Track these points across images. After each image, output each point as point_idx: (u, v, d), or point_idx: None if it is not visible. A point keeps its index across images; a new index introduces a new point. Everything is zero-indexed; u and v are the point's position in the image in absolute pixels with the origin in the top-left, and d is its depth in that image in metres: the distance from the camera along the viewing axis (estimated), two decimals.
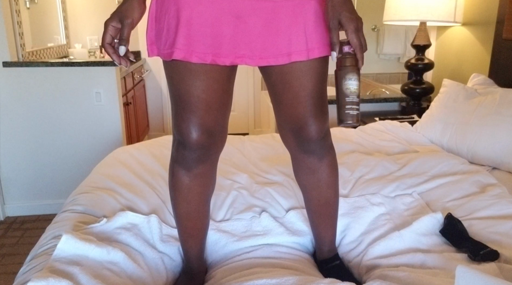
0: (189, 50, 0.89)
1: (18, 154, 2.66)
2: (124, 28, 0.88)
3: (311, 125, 0.99)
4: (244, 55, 0.91)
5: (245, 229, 1.25)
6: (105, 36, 0.89)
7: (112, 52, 0.90)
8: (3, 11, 2.45)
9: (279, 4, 0.90)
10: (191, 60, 0.89)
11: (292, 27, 0.91)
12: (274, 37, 0.91)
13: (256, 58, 0.92)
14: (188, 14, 0.88)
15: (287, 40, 0.91)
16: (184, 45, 0.89)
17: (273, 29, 0.91)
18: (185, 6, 0.88)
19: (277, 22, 0.91)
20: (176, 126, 0.97)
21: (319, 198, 1.10)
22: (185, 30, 0.88)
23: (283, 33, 0.91)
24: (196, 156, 0.97)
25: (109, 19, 0.89)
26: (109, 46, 0.90)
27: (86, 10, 3.90)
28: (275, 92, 1.00)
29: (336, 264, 1.15)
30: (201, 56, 0.89)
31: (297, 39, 0.91)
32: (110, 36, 0.90)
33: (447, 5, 2.20)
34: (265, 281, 0.94)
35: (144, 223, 1.20)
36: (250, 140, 2.01)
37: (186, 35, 0.88)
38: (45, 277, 0.86)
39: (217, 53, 0.90)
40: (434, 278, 0.97)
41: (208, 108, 0.95)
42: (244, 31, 0.90)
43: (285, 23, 0.91)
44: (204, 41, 0.89)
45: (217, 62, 0.90)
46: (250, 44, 0.91)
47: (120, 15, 0.89)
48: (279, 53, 0.92)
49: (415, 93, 2.50)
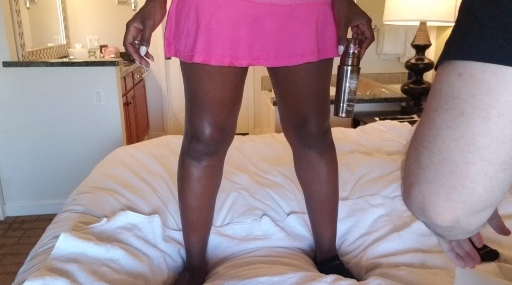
0: (209, 54, 0.93)
1: (18, 154, 2.66)
2: (146, 29, 0.92)
3: (312, 121, 1.04)
4: (260, 56, 0.95)
5: (246, 233, 1.25)
6: (127, 36, 0.93)
7: (134, 51, 0.94)
8: (3, 11, 2.45)
9: (293, 8, 0.94)
10: (211, 63, 0.93)
11: (305, 29, 0.95)
12: (288, 39, 0.95)
13: (271, 59, 0.96)
14: (208, 20, 0.91)
15: (300, 42, 0.96)
16: (204, 49, 0.92)
17: (287, 31, 0.95)
18: (205, 12, 0.92)
19: (290, 24, 0.95)
20: (190, 122, 1.02)
21: (319, 193, 1.13)
22: (204, 35, 0.92)
23: (297, 35, 0.95)
24: (208, 149, 1.03)
25: (131, 20, 0.93)
26: (130, 46, 0.93)
27: (86, 10, 3.90)
28: (280, 89, 1.05)
29: (336, 264, 1.15)
30: (220, 59, 0.93)
31: (309, 40, 0.96)
32: (132, 37, 0.93)
33: (447, 5, 2.20)
34: (267, 278, 0.95)
35: (144, 223, 1.20)
36: (250, 140, 2.01)
37: (205, 39, 0.92)
38: (42, 276, 0.86)
39: (235, 55, 0.94)
40: (434, 277, 0.97)
41: (222, 106, 1.00)
42: (260, 34, 0.94)
43: (298, 25, 0.95)
44: (223, 45, 0.93)
45: (234, 64, 0.94)
46: (266, 46, 0.95)
47: (142, 17, 0.93)
48: (293, 54, 0.96)
49: (415, 93, 2.50)
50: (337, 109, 0.98)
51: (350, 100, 0.96)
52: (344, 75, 0.96)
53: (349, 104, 0.97)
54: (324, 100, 1.05)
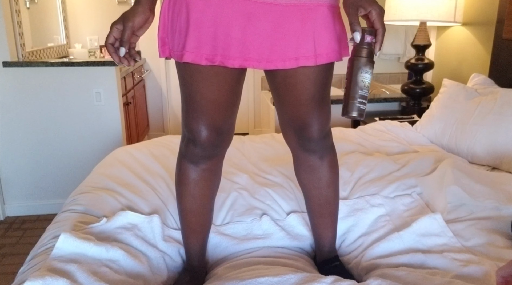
0: (199, 53, 0.91)
1: (18, 154, 2.66)
2: (125, 31, 0.93)
3: (313, 125, 1.01)
4: (252, 58, 0.93)
5: (246, 233, 1.25)
6: (109, 36, 0.94)
7: (113, 51, 0.94)
8: (3, 11, 2.45)
9: (289, 9, 0.91)
10: (201, 63, 0.92)
11: (301, 32, 0.92)
12: (282, 41, 0.92)
13: (263, 61, 0.93)
14: (198, 17, 0.90)
15: (295, 45, 0.93)
16: (194, 48, 0.91)
17: (282, 33, 0.92)
18: (195, 10, 0.90)
19: (286, 26, 0.92)
20: (186, 125, 1.01)
21: (319, 197, 1.11)
22: (194, 33, 0.91)
23: (292, 38, 0.92)
24: (205, 152, 1.01)
25: (115, 21, 0.94)
26: (110, 46, 0.94)
27: (86, 10, 3.90)
28: (278, 94, 1.02)
29: (336, 265, 1.15)
30: (210, 57, 0.91)
31: (305, 44, 0.93)
32: (113, 37, 0.94)
33: (447, 5, 2.20)
34: (267, 279, 0.95)
35: (144, 223, 1.20)
36: (250, 140, 2.01)
37: (195, 37, 0.91)
38: (42, 276, 0.86)
39: (226, 55, 0.91)
40: (433, 277, 0.97)
41: (218, 108, 0.98)
42: (253, 34, 0.91)
43: (293, 27, 0.92)
44: (213, 43, 0.91)
45: (225, 64, 0.92)
46: (258, 47, 0.92)
47: (123, 18, 0.94)
48: (287, 57, 0.93)
49: (415, 93, 2.50)
50: (348, 108, 0.85)
51: (363, 96, 0.85)
52: (358, 67, 0.85)
53: (362, 101, 0.85)
54: (325, 104, 1.01)
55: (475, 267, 1.01)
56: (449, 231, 1.17)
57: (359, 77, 0.85)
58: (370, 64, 0.85)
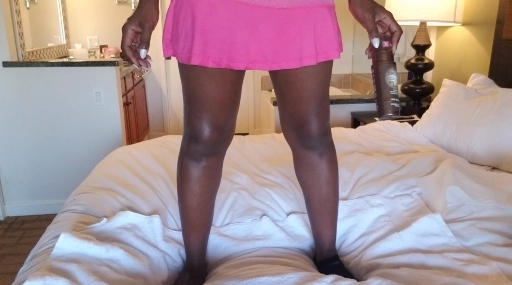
0: (206, 56, 0.93)
1: (18, 154, 2.66)
2: (145, 31, 0.93)
3: (312, 123, 1.04)
4: (257, 60, 0.95)
5: (246, 233, 1.25)
6: (125, 39, 0.92)
7: (132, 55, 0.93)
8: (3, 11, 2.45)
9: (290, 11, 0.94)
10: (208, 65, 0.94)
11: (303, 32, 0.95)
12: (286, 43, 0.95)
13: (268, 62, 0.96)
14: (203, 22, 0.92)
15: (299, 46, 0.95)
16: (201, 51, 0.93)
17: (285, 35, 0.95)
18: (200, 14, 0.92)
19: (289, 28, 0.94)
20: (189, 123, 1.02)
21: (319, 195, 1.13)
22: (201, 38, 0.92)
23: (295, 39, 0.95)
24: (207, 150, 1.03)
25: (128, 23, 0.92)
26: (129, 49, 0.93)
27: (86, 10, 3.90)
28: (280, 92, 1.06)
29: (336, 264, 1.15)
30: (217, 61, 0.94)
31: (308, 44, 0.95)
32: (130, 39, 0.93)
33: (447, 5, 2.20)
34: (267, 278, 0.95)
35: (145, 223, 1.20)
36: (250, 140, 2.01)
37: (202, 42, 0.93)
38: (42, 276, 0.86)
39: (232, 58, 0.94)
40: (435, 276, 0.97)
41: (221, 107, 1.00)
42: (257, 37, 0.94)
43: (296, 29, 0.95)
44: (220, 47, 0.93)
45: (231, 66, 0.94)
46: (263, 49, 0.95)
47: (140, 19, 0.93)
48: (291, 58, 0.96)
49: (415, 93, 2.50)
50: (383, 108, 0.92)
51: (394, 95, 0.92)
52: (384, 71, 0.93)
53: (395, 100, 0.92)
54: (324, 101, 1.05)
55: (475, 267, 1.01)
56: (449, 231, 1.17)
57: (387, 79, 0.93)
58: (393, 65, 0.93)
